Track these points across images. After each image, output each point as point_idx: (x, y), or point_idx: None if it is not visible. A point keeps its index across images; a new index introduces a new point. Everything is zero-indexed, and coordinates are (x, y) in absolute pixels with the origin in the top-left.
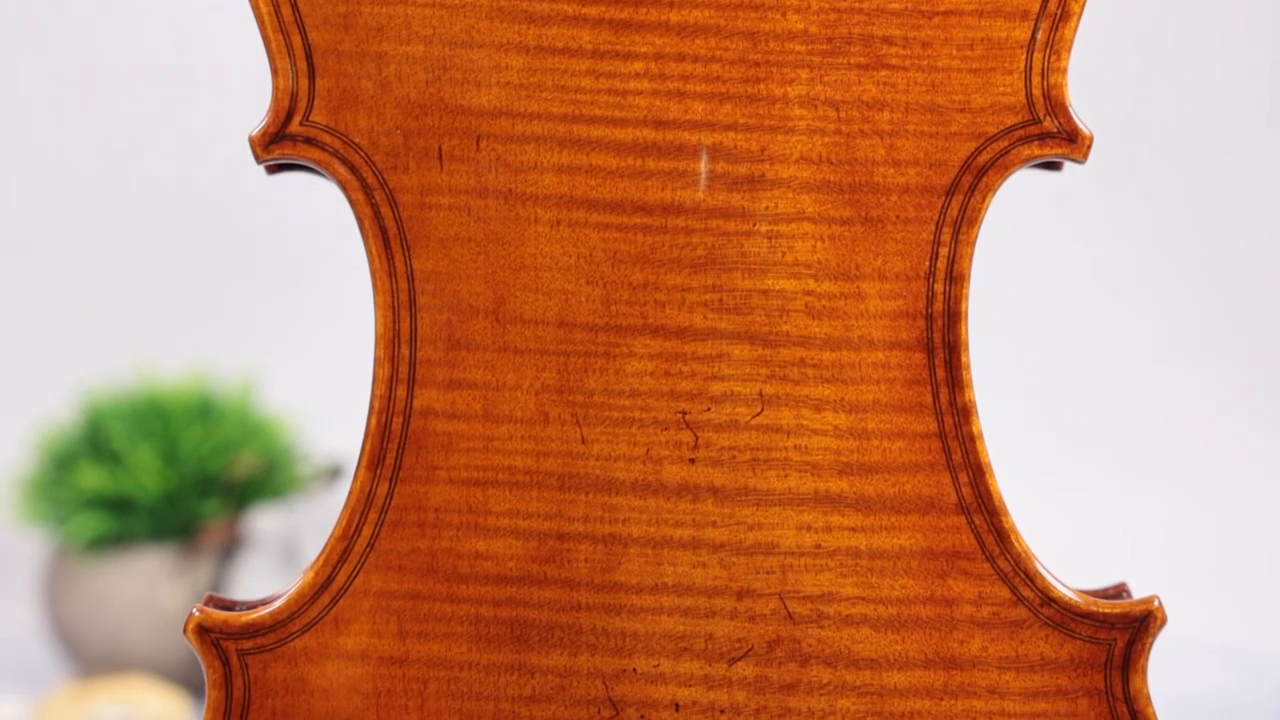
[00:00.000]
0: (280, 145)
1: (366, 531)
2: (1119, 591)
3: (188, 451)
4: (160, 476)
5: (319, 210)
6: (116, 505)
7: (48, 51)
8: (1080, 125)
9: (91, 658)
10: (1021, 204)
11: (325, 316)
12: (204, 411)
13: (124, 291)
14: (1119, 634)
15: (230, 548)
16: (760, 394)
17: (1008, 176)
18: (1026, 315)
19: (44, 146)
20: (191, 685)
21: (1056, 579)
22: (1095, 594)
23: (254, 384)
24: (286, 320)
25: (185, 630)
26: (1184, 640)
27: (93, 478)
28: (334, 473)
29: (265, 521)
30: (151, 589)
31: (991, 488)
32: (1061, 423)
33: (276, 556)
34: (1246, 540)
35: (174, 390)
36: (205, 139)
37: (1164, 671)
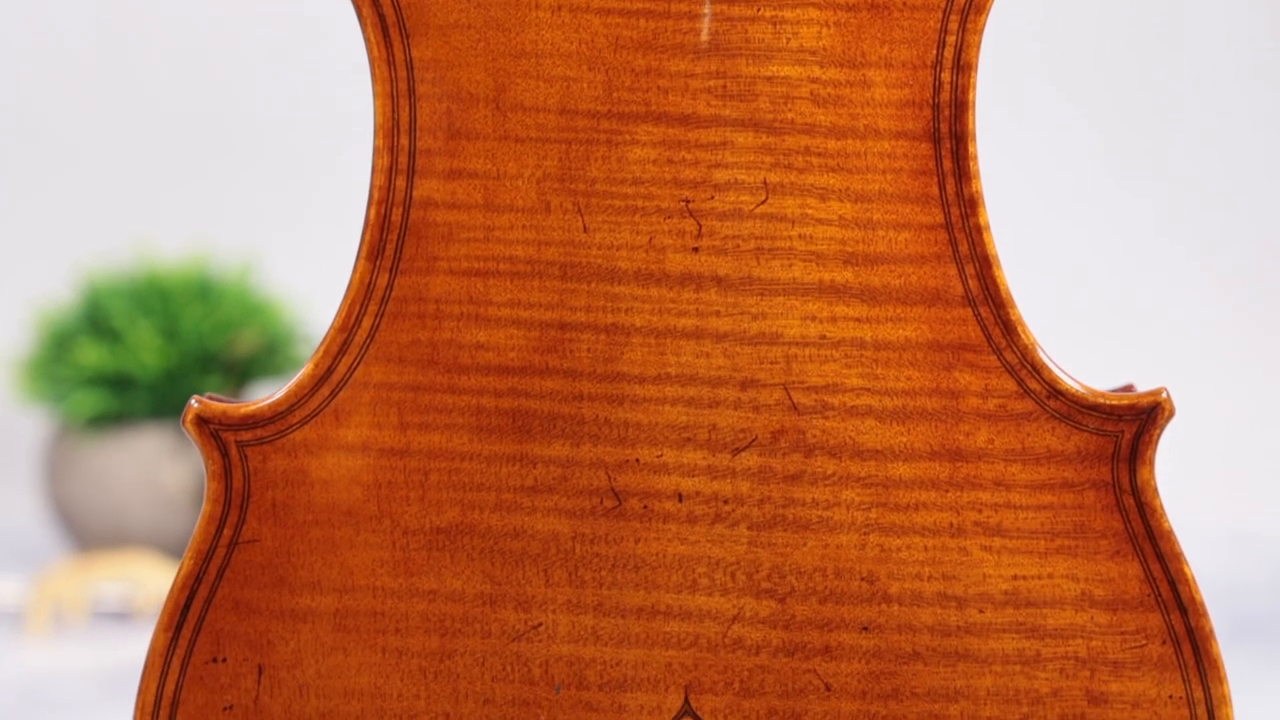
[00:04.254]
0: None
1: (366, 323)
2: (1127, 390)
3: (188, 329)
4: (160, 354)
5: (324, 97)
6: (116, 383)
7: None
8: None
9: (92, 536)
10: (1027, 89)
11: (327, 204)
12: (204, 291)
13: (125, 179)
14: (1126, 426)
15: None
16: (764, 182)
17: None
18: (1029, 196)
19: (43, 28)
20: None
21: (1064, 371)
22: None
23: (254, 265)
24: (288, 207)
25: (184, 421)
26: (1189, 523)
27: (92, 355)
28: None
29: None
30: (152, 467)
31: (998, 279)
32: (1063, 307)
33: None
34: (1251, 424)
35: (174, 270)
36: (208, 18)
37: None
